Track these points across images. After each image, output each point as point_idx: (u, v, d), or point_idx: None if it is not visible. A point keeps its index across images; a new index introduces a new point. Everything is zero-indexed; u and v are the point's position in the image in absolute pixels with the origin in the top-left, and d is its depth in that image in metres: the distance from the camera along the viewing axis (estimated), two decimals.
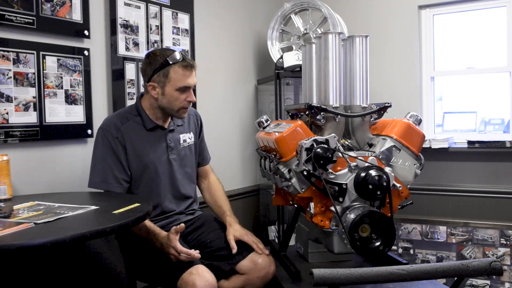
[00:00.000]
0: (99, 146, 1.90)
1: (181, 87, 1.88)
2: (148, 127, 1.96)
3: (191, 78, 1.90)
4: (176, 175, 2.00)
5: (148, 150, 1.94)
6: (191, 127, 2.12)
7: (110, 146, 1.88)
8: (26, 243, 1.20)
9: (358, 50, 1.87)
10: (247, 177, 3.29)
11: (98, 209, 1.57)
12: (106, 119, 1.99)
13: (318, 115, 1.79)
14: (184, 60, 1.88)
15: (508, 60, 3.02)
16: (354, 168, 1.67)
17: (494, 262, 1.21)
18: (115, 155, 1.88)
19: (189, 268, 1.72)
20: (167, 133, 2.01)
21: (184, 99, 1.91)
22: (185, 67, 1.87)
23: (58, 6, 2.07)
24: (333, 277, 1.15)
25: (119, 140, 1.89)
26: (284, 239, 2.24)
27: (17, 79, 1.93)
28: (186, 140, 2.07)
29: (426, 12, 3.24)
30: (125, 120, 1.94)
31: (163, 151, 1.98)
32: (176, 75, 1.86)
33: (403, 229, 3.11)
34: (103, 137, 1.89)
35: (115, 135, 1.89)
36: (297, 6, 3.16)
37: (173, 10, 2.66)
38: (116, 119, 1.94)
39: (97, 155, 1.90)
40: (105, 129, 1.90)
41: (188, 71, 1.88)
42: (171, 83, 1.87)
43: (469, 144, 3.00)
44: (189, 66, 1.88)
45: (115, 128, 1.90)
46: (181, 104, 1.92)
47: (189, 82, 1.89)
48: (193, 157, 2.11)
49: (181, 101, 1.91)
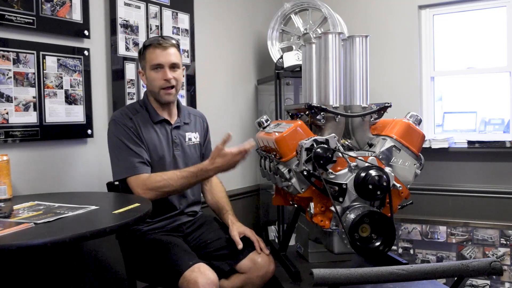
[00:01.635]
0: (114, 137, 1.90)
1: (153, 64, 1.93)
2: (155, 120, 1.98)
3: (162, 56, 1.93)
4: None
5: (155, 143, 1.95)
6: (197, 127, 2.13)
7: (127, 133, 1.89)
8: (26, 243, 1.20)
9: (358, 50, 1.87)
10: (247, 177, 3.29)
11: (98, 209, 1.57)
12: (116, 112, 2.00)
13: (318, 115, 1.79)
14: (157, 40, 1.94)
15: (508, 60, 3.02)
16: (354, 168, 1.67)
17: (494, 262, 1.21)
18: (134, 141, 1.89)
19: (191, 266, 1.72)
20: (173, 129, 2.02)
21: (161, 78, 1.93)
22: (157, 45, 1.93)
23: (58, 6, 2.07)
24: (333, 277, 1.15)
25: (133, 129, 1.91)
26: (284, 239, 2.24)
27: (17, 79, 1.93)
28: (192, 139, 2.08)
29: (426, 12, 3.24)
30: (135, 111, 1.97)
31: (168, 146, 1.99)
32: (149, 55, 1.94)
33: (403, 229, 3.11)
34: (117, 127, 1.90)
35: (129, 125, 1.91)
36: (297, 6, 3.16)
37: (173, 10, 2.66)
38: (126, 110, 1.97)
39: (116, 145, 1.89)
40: (118, 119, 1.92)
41: (160, 49, 1.93)
42: (147, 64, 1.96)
43: (469, 144, 3.00)
44: (160, 45, 1.93)
45: (128, 118, 1.92)
46: (159, 84, 1.94)
47: (160, 60, 1.93)
48: (198, 156, 2.11)
49: (158, 81, 1.94)
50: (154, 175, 1.85)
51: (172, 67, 1.95)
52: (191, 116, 2.14)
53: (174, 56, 1.96)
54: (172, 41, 1.98)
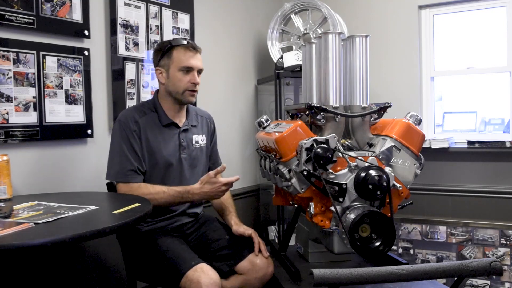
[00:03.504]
0: (116, 138, 1.91)
1: (183, 67, 1.92)
2: (164, 123, 1.98)
3: (194, 60, 1.93)
4: (185, 174, 2.01)
5: (161, 147, 1.95)
6: (204, 129, 2.13)
7: (128, 138, 1.89)
8: (26, 243, 1.20)
9: (358, 50, 1.87)
10: (247, 177, 3.29)
11: (98, 209, 1.57)
12: (123, 112, 2.00)
13: (318, 115, 1.79)
14: (188, 43, 1.94)
15: (508, 60, 3.03)
16: (354, 168, 1.67)
17: (494, 262, 1.21)
18: (132, 147, 1.89)
19: (193, 267, 1.72)
20: (181, 132, 2.02)
21: (188, 81, 1.93)
22: (187, 48, 1.93)
23: (58, 6, 2.07)
24: (333, 277, 1.15)
25: (136, 133, 1.91)
26: (284, 239, 2.24)
27: (17, 79, 1.93)
28: (199, 142, 2.08)
29: (426, 12, 3.24)
30: (143, 114, 1.96)
31: (175, 149, 1.99)
32: (178, 55, 1.92)
33: (403, 229, 3.11)
34: (120, 130, 1.91)
35: (133, 128, 1.91)
36: (297, 6, 3.16)
37: (173, 10, 2.66)
38: (134, 112, 1.96)
39: (115, 147, 1.91)
40: (123, 121, 1.92)
41: (191, 52, 1.93)
42: (174, 64, 1.93)
43: (469, 144, 3.00)
44: (192, 48, 1.93)
45: (133, 121, 1.92)
46: (185, 86, 1.94)
47: (192, 63, 1.93)
48: (204, 159, 2.11)
49: (185, 83, 1.93)
50: (144, 186, 1.88)
51: (199, 72, 1.98)
52: (199, 117, 2.14)
53: (201, 62, 1.98)
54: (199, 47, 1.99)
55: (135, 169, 1.88)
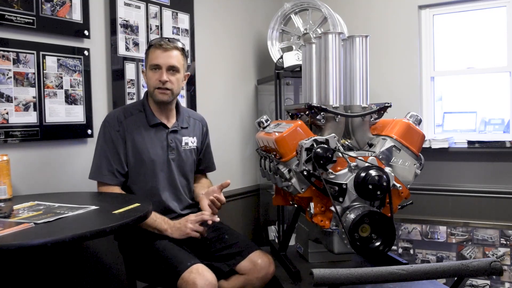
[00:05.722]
0: (100, 139, 1.95)
1: (151, 65, 1.95)
2: (151, 123, 1.98)
3: (162, 57, 1.93)
4: (175, 175, 2.01)
5: (148, 147, 1.95)
6: (196, 131, 2.13)
7: (111, 138, 1.92)
8: (26, 243, 1.20)
9: (358, 50, 1.87)
10: (247, 177, 3.29)
11: (98, 209, 1.57)
12: (110, 112, 2.04)
13: (318, 115, 1.79)
14: (160, 41, 1.95)
15: (508, 60, 3.02)
16: (354, 168, 1.67)
17: (494, 262, 1.21)
18: (114, 148, 1.91)
19: (188, 267, 1.72)
20: (169, 133, 2.01)
21: (156, 79, 1.94)
22: (158, 46, 1.94)
23: (58, 6, 2.07)
24: (333, 277, 1.15)
25: (120, 133, 1.92)
26: (284, 239, 2.24)
27: (17, 79, 1.93)
28: (188, 143, 2.08)
29: (426, 12, 3.24)
30: (129, 114, 1.98)
31: (163, 150, 1.99)
32: (150, 54, 1.96)
33: (403, 229, 3.11)
34: (104, 130, 1.94)
35: (116, 128, 1.93)
36: (297, 6, 3.16)
37: (173, 10, 2.66)
38: (119, 113, 1.98)
39: (97, 147, 1.95)
40: (108, 121, 1.95)
41: (161, 50, 1.94)
42: (148, 63, 1.98)
43: (469, 144, 3.00)
44: (161, 46, 1.94)
45: (118, 122, 1.94)
46: (154, 84, 1.95)
47: (159, 61, 1.93)
48: (193, 161, 2.11)
49: (153, 81, 1.95)
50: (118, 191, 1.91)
51: (170, 70, 1.94)
52: (191, 119, 2.14)
53: (175, 59, 1.95)
54: (175, 44, 1.96)
55: (113, 170, 1.90)
